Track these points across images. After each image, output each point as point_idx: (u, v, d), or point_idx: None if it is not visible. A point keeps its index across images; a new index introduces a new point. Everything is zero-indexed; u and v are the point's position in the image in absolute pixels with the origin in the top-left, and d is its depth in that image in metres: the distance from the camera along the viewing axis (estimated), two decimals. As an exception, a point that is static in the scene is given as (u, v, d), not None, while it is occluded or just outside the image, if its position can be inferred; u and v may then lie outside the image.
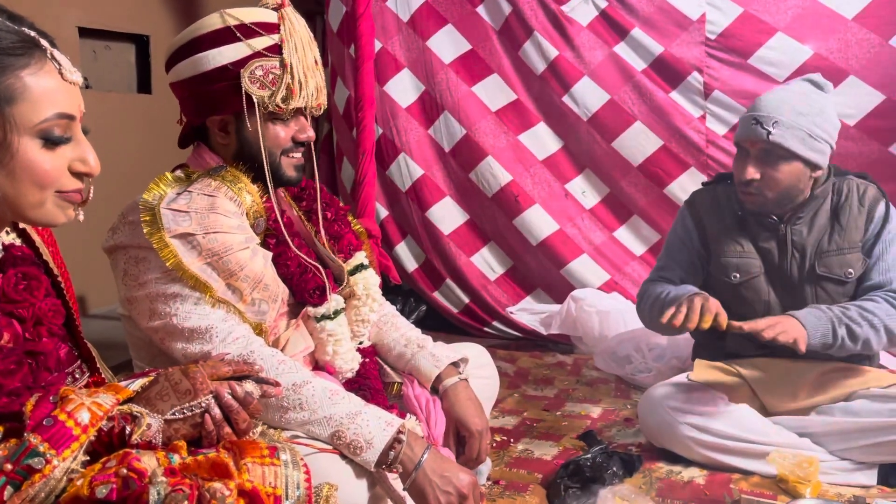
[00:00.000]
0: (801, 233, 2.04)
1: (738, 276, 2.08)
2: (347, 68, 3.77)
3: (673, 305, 1.86)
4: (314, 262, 1.57)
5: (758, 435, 1.95)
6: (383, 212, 3.76)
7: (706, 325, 1.81)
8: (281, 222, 1.53)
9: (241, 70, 1.43)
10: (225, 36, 1.43)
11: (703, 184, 2.30)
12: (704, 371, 2.08)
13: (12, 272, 1.02)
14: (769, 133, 1.92)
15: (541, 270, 3.59)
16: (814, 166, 1.97)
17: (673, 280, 2.16)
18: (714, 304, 1.84)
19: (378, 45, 3.66)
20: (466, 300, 3.65)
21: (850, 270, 2.00)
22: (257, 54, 1.43)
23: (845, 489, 1.88)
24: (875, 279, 1.98)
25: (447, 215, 3.68)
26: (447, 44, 3.62)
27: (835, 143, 1.99)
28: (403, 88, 3.69)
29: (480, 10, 3.59)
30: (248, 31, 1.43)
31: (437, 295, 3.71)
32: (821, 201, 2.04)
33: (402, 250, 3.78)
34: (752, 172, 1.97)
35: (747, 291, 2.09)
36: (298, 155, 1.55)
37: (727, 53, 3.20)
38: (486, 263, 3.68)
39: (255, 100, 1.44)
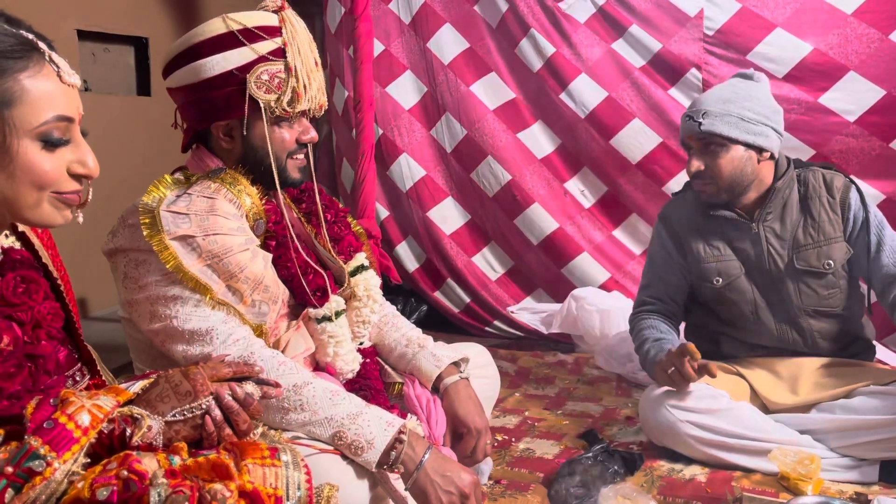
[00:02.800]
0: (774, 229, 2.06)
1: (720, 279, 2.10)
2: (346, 69, 3.77)
3: (660, 371, 1.99)
4: (314, 264, 1.57)
5: (759, 432, 1.95)
6: (384, 212, 3.76)
7: (696, 375, 1.91)
8: (289, 224, 1.53)
9: (247, 75, 1.43)
10: (228, 41, 1.43)
11: (672, 195, 2.32)
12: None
13: (11, 276, 1.02)
14: (700, 124, 1.99)
15: (541, 269, 3.58)
16: (758, 149, 2.00)
17: (661, 298, 2.22)
18: (681, 353, 1.91)
19: (380, 48, 3.67)
20: (467, 300, 3.64)
21: (830, 262, 2.01)
22: (262, 58, 1.43)
23: (847, 486, 1.88)
24: (889, 265, 1.98)
25: (448, 215, 3.68)
26: (446, 43, 3.61)
27: (779, 126, 2.03)
28: (405, 90, 3.69)
29: (477, 7, 3.58)
30: (251, 35, 1.43)
31: (438, 295, 3.71)
32: (786, 193, 2.06)
33: (403, 250, 3.78)
34: (697, 164, 2.04)
35: (732, 293, 2.10)
36: (302, 156, 1.56)
37: (725, 49, 3.16)
38: (487, 263, 3.67)
39: (261, 104, 1.44)
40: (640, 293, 2.29)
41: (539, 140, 3.55)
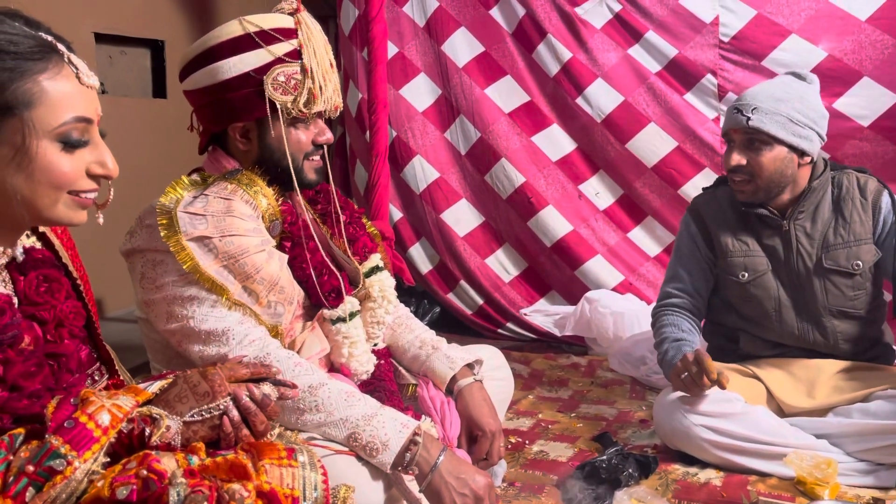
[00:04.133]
0: (805, 228, 2.05)
1: (745, 274, 2.09)
2: (360, 71, 3.78)
3: (674, 375, 1.99)
4: (330, 265, 1.57)
5: (774, 436, 1.93)
6: (397, 214, 3.77)
7: (710, 380, 1.90)
8: (305, 225, 1.54)
9: (264, 77, 1.43)
10: (245, 43, 1.43)
11: (703, 189, 2.31)
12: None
13: (33, 275, 1.03)
14: (748, 119, 1.96)
15: (555, 272, 3.59)
16: (800, 152, 1.99)
17: (686, 291, 2.19)
18: (697, 362, 1.91)
19: (395, 50, 3.69)
20: (480, 302, 3.65)
21: (859, 262, 2.00)
22: (278, 60, 1.44)
23: (864, 491, 1.86)
24: None
25: (462, 217, 3.69)
26: (461, 47, 3.64)
27: (823, 132, 2.01)
28: (420, 92, 3.71)
29: (494, 12, 3.61)
30: (267, 37, 1.44)
31: (450, 297, 3.71)
32: (820, 194, 2.05)
33: (417, 252, 3.79)
34: (738, 159, 2.01)
35: (756, 289, 2.09)
36: (318, 158, 1.57)
37: (741, 55, 3.21)
38: (501, 265, 3.68)
39: (278, 106, 1.45)
40: (665, 285, 2.28)
41: (555, 143, 3.57)
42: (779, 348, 2.12)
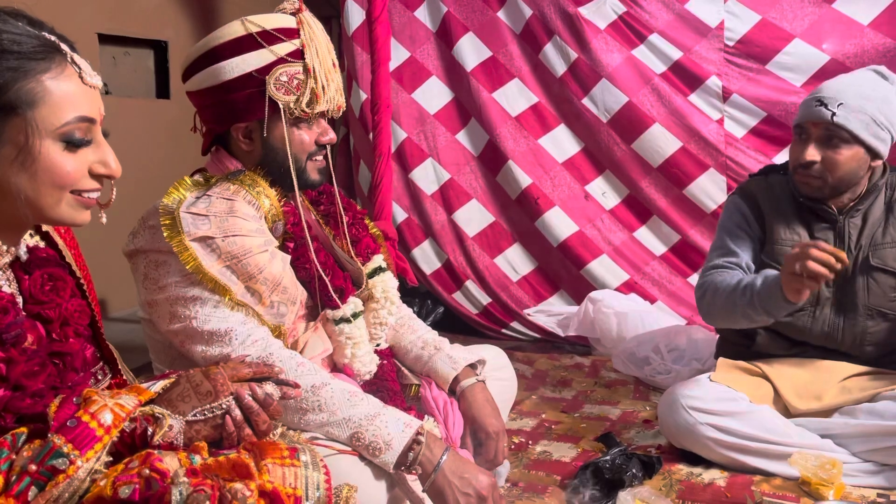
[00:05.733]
0: (857, 225, 2.02)
1: None
2: (364, 72, 3.80)
3: (787, 278, 1.76)
4: (333, 266, 1.57)
5: (780, 436, 1.92)
6: (403, 214, 3.80)
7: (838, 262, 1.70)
8: (307, 226, 1.54)
9: (267, 77, 1.43)
10: (247, 43, 1.43)
11: (750, 175, 2.25)
12: (727, 371, 2.07)
13: (38, 273, 1.03)
14: (833, 114, 1.89)
15: (561, 271, 3.62)
16: (874, 154, 1.94)
17: (739, 265, 2.06)
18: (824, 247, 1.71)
19: (406, 54, 3.75)
20: (486, 301, 3.67)
21: None
22: (281, 60, 1.44)
23: (869, 491, 1.86)
24: None
25: (473, 218, 3.73)
26: (468, 51, 3.68)
27: None
28: (432, 95, 3.76)
29: (501, 14, 3.64)
30: (270, 37, 1.44)
31: (456, 296, 3.73)
32: (876, 195, 2.03)
33: (423, 252, 3.81)
34: (813, 154, 1.93)
35: None
36: (321, 158, 1.57)
37: (745, 59, 3.25)
38: (510, 265, 3.71)
39: (280, 106, 1.45)
40: (711, 257, 2.13)
41: (561, 143, 3.60)
42: (797, 347, 2.09)
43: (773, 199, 2.11)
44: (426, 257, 3.80)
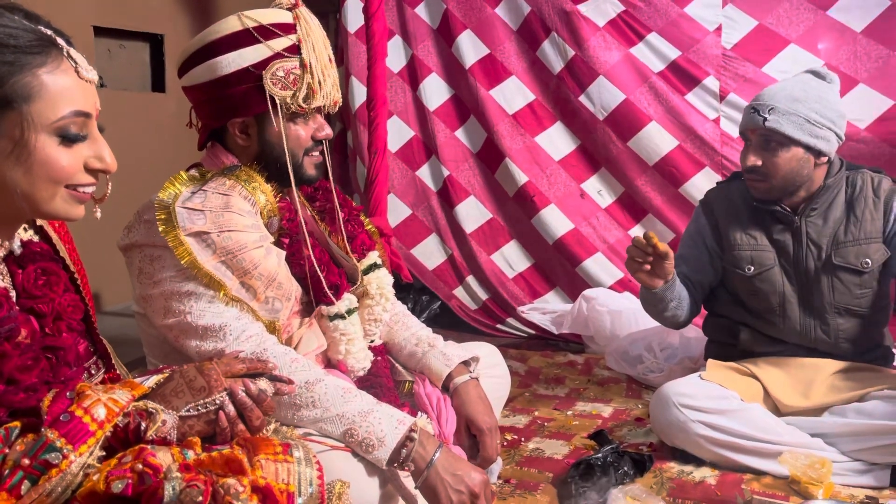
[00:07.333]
0: (817, 224, 2.05)
1: (751, 268, 2.10)
2: (362, 67, 3.81)
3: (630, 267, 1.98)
4: (328, 262, 1.58)
5: (770, 434, 1.94)
6: (407, 210, 3.82)
7: (655, 245, 1.90)
8: (302, 221, 1.54)
9: (263, 72, 1.43)
10: (244, 38, 1.43)
11: (717, 183, 2.32)
12: (717, 371, 2.08)
13: (32, 268, 1.03)
14: (765, 119, 1.96)
15: (557, 269, 3.65)
16: (817, 153, 1.99)
17: (681, 272, 2.16)
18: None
19: (409, 52, 3.80)
20: (485, 297, 3.71)
21: (868, 261, 2.00)
22: (277, 55, 1.44)
23: (858, 490, 1.87)
24: None
25: (471, 214, 3.77)
26: (466, 49, 3.71)
27: (841, 132, 2.01)
28: (432, 92, 3.80)
29: (499, 10, 3.66)
30: (266, 32, 1.44)
31: (457, 292, 3.77)
32: (834, 193, 2.06)
33: (427, 247, 3.82)
34: (754, 159, 2.01)
35: (762, 283, 2.09)
36: (318, 153, 1.57)
37: (742, 62, 3.31)
38: (506, 261, 3.74)
39: (277, 101, 1.45)
40: None
41: (558, 141, 3.63)
42: (779, 345, 2.12)
43: (730, 207, 2.18)
44: (430, 252, 3.83)
